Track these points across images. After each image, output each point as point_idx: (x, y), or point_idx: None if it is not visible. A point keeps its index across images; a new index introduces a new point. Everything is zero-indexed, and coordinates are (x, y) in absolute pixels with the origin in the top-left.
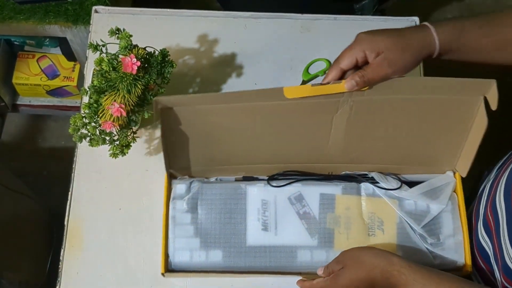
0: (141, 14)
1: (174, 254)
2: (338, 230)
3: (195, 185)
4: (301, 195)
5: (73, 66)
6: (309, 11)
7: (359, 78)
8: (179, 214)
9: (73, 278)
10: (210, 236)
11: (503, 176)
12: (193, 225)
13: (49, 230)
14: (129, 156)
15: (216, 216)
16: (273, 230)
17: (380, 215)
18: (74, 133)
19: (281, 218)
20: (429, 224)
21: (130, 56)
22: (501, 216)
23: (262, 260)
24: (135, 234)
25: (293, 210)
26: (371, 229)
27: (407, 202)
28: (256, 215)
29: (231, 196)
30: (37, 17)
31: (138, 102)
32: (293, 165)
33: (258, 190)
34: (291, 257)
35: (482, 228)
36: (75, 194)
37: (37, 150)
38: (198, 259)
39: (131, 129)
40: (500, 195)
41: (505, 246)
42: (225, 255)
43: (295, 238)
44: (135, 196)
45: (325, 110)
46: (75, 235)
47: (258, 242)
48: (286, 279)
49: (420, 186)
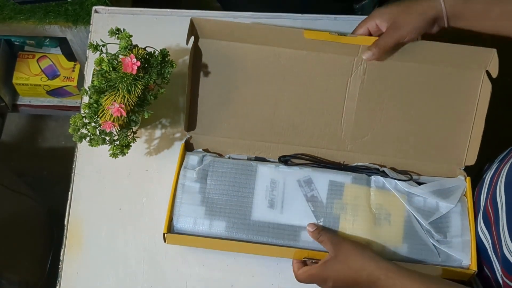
0: (141, 14)
1: (178, 219)
2: (344, 217)
3: (207, 158)
4: (311, 179)
5: (73, 66)
6: (309, 11)
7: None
8: (188, 183)
9: (73, 278)
10: (216, 206)
11: (504, 168)
12: (200, 194)
13: (49, 230)
14: (129, 156)
15: (224, 188)
16: (279, 209)
17: (388, 208)
18: (74, 133)
19: (288, 198)
20: (437, 221)
21: (130, 56)
22: (501, 208)
23: (264, 236)
24: (135, 234)
25: (301, 192)
26: (378, 219)
27: (416, 198)
28: (264, 192)
29: (241, 171)
30: (37, 17)
31: (138, 102)
32: (306, 148)
33: (269, 169)
34: (293, 235)
35: (482, 221)
36: (75, 194)
37: (37, 150)
38: (201, 227)
39: (131, 129)
40: (501, 187)
41: (504, 238)
42: (229, 225)
43: (300, 219)
44: (135, 196)
45: (341, 69)
46: (75, 235)
47: (263, 217)
48: (287, 277)
49: (430, 184)
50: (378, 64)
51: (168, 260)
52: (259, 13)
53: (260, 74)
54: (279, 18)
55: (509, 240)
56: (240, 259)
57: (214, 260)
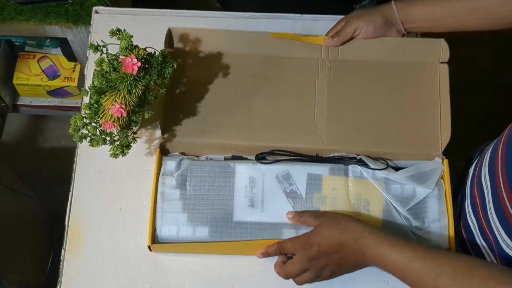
0: (141, 14)
1: (161, 228)
2: (324, 210)
3: (184, 163)
4: (289, 174)
5: (74, 67)
6: (309, 12)
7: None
8: (168, 190)
9: (74, 278)
10: (198, 212)
11: (487, 153)
12: (181, 201)
13: (49, 230)
14: (129, 156)
15: (204, 193)
16: (260, 207)
17: (366, 197)
18: (75, 133)
19: (268, 196)
20: (415, 207)
21: (131, 56)
22: (486, 190)
23: (247, 236)
24: (135, 234)
25: (280, 188)
26: (357, 209)
27: (393, 186)
28: (244, 192)
29: (219, 173)
30: (38, 18)
31: (138, 102)
32: (283, 145)
33: (247, 168)
34: (276, 233)
35: (470, 207)
36: (76, 194)
37: (38, 150)
38: (185, 234)
39: (131, 130)
40: (485, 170)
41: (491, 218)
42: (212, 230)
43: (281, 216)
44: (135, 196)
45: (308, 68)
46: (76, 235)
47: (245, 218)
48: None
49: (407, 169)
50: (341, 62)
51: (168, 260)
52: (259, 13)
53: (232, 77)
54: (279, 19)
55: (497, 222)
56: (240, 259)
57: (214, 260)
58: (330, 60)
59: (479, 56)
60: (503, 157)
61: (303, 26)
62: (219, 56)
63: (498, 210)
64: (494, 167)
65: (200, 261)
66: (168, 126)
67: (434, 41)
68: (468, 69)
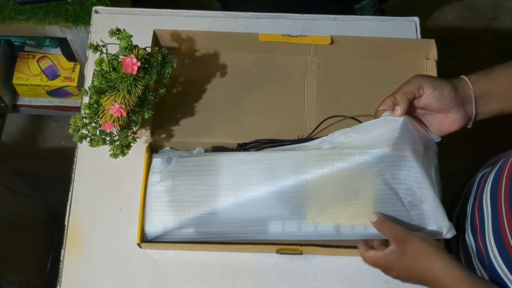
0: (141, 14)
1: (149, 226)
2: (311, 201)
3: (171, 160)
4: (274, 165)
5: (73, 67)
6: (309, 11)
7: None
8: (154, 187)
9: (74, 278)
10: (184, 209)
11: (490, 174)
12: (167, 197)
13: (49, 230)
14: (129, 156)
15: (189, 188)
16: (245, 201)
17: (355, 181)
18: (75, 133)
19: (252, 189)
20: (406, 184)
21: (131, 56)
22: (486, 214)
23: (234, 231)
24: (135, 234)
25: (266, 180)
26: (346, 197)
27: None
28: (227, 186)
29: (204, 169)
30: (37, 18)
31: (138, 102)
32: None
33: (231, 161)
34: (262, 227)
35: (469, 229)
36: (76, 194)
37: (37, 150)
38: (172, 232)
39: (131, 130)
40: (487, 193)
41: (489, 244)
42: (197, 226)
43: (266, 210)
44: (135, 196)
45: (297, 66)
46: (76, 235)
47: (229, 213)
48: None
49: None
50: (331, 59)
51: (168, 260)
52: (259, 13)
53: (221, 77)
54: (279, 18)
55: (494, 246)
56: (240, 259)
57: (214, 260)
58: (319, 57)
59: (477, 54)
60: (507, 184)
61: (303, 26)
62: (208, 57)
63: (497, 237)
64: (497, 192)
65: (200, 261)
66: (158, 126)
67: (424, 41)
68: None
